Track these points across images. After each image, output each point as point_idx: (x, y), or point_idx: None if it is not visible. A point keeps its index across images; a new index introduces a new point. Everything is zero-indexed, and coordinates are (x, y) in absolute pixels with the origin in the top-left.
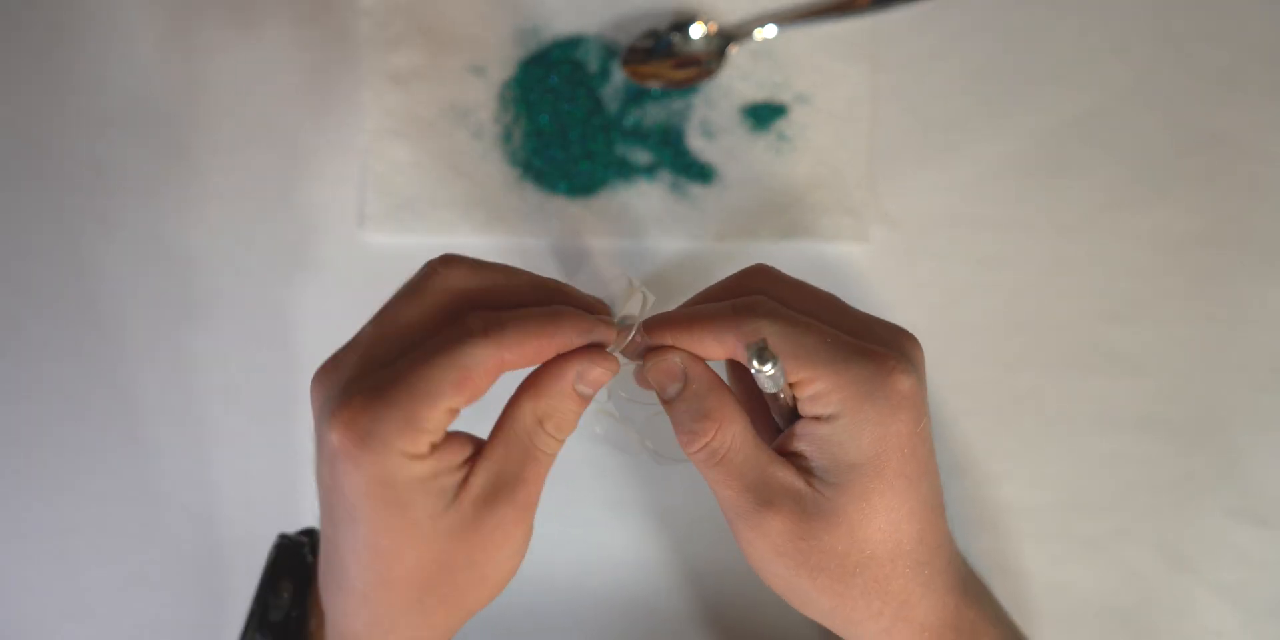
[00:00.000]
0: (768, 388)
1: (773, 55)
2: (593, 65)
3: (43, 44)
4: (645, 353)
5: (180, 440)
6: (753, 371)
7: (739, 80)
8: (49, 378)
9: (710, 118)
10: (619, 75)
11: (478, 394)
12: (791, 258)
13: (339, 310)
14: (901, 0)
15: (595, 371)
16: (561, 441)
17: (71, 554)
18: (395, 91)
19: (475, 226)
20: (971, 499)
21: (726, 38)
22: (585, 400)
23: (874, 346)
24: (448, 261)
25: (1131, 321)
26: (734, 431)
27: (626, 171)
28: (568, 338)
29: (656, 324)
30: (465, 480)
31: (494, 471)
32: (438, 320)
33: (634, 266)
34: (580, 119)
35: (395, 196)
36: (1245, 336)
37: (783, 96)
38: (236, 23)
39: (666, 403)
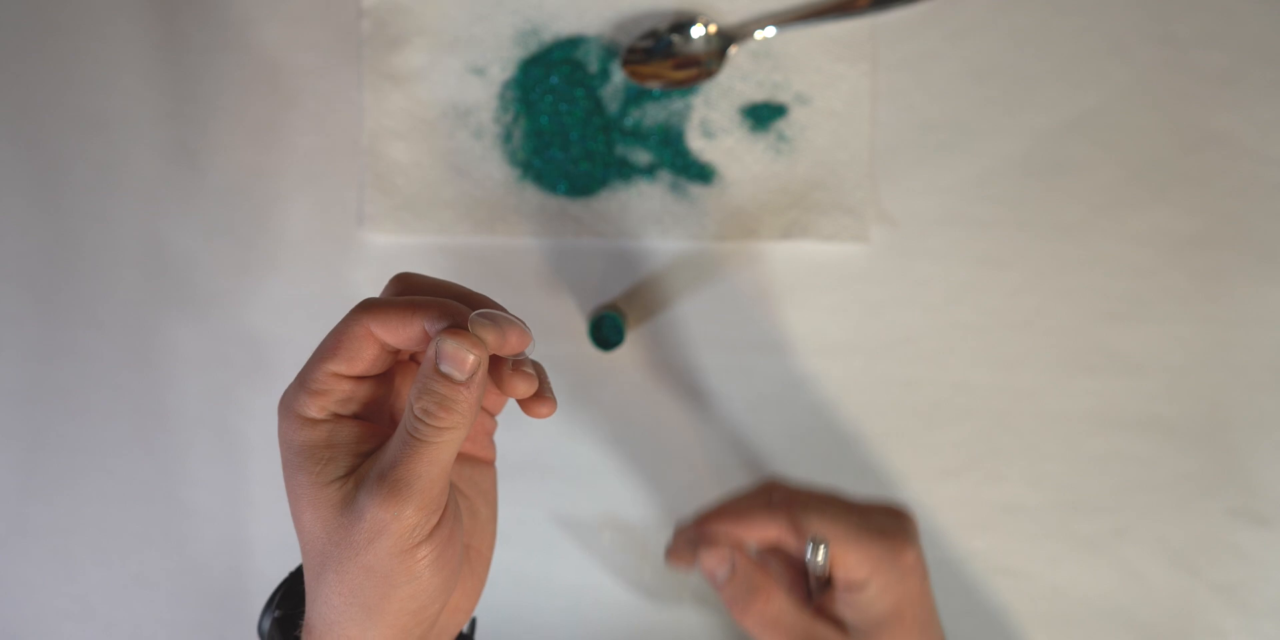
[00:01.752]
0: (816, 570)
1: (772, 55)
2: (593, 65)
3: (43, 44)
4: (697, 544)
5: (180, 440)
6: (809, 559)
7: (739, 80)
8: (48, 377)
9: (710, 118)
10: (619, 75)
11: (357, 361)
12: (791, 258)
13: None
14: (901, 0)
15: (448, 345)
16: (440, 429)
17: (71, 554)
18: (395, 91)
19: (475, 226)
20: (971, 499)
21: (726, 38)
22: (457, 385)
23: (886, 528)
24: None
25: (1131, 321)
26: (780, 598)
27: (626, 171)
28: (429, 314)
29: (713, 516)
30: (362, 464)
31: (381, 458)
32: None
33: (634, 266)
34: (580, 119)
35: (395, 196)
36: (1245, 336)
37: (782, 96)
38: (236, 23)
39: (718, 585)
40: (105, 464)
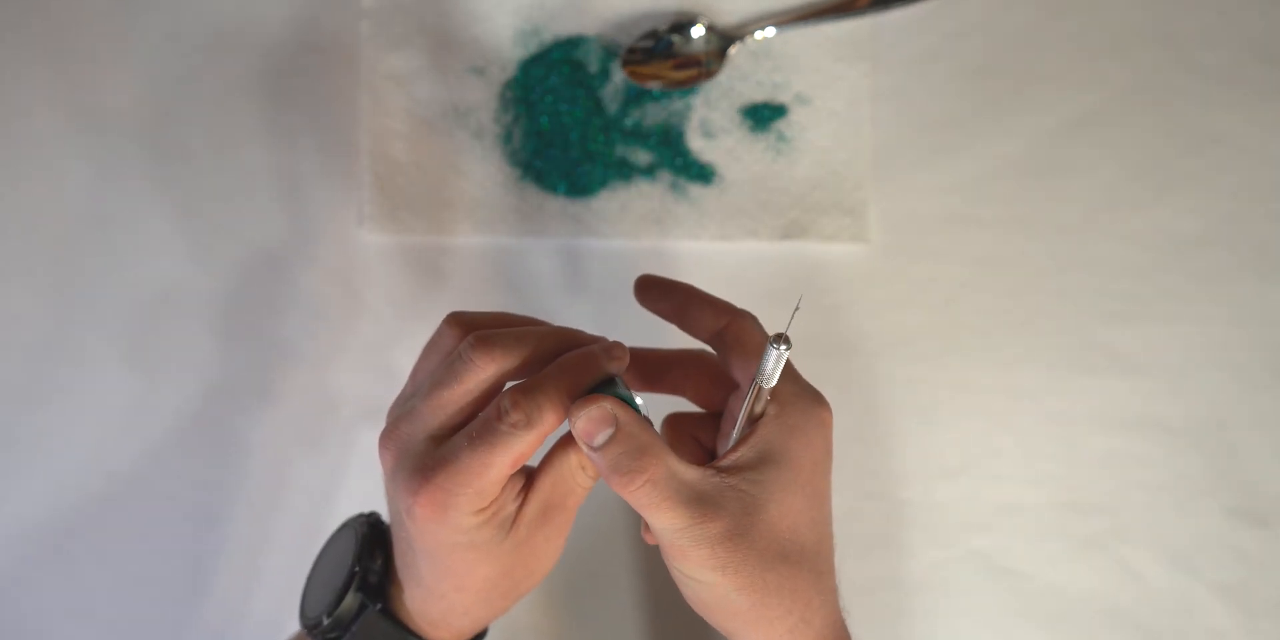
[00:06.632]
0: (768, 380)
1: (772, 55)
2: (593, 66)
3: (43, 43)
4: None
5: (180, 440)
6: (777, 351)
7: (739, 80)
8: (49, 377)
9: (710, 118)
10: (619, 76)
11: (526, 460)
12: (791, 258)
13: (339, 310)
14: (901, 0)
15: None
16: (595, 479)
17: (71, 554)
18: (395, 91)
19: (475, 226)
20: (971, 499)
21: (726, 38)
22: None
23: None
24: (483, 347)
25: (1131, 321)
26: (669, 461)
27: (626, 172)
28: (581, 392)
29: (661, 283)
30: (520, 508)
31: (542, 501)
32: (482, 402)
33: (634, 267)
34: (580, 119)
35: (395, 196)
36: (1245, 336)
37: (782, 97)
38: (236, 23)
39: (596, 449)
40: (105, 464)
